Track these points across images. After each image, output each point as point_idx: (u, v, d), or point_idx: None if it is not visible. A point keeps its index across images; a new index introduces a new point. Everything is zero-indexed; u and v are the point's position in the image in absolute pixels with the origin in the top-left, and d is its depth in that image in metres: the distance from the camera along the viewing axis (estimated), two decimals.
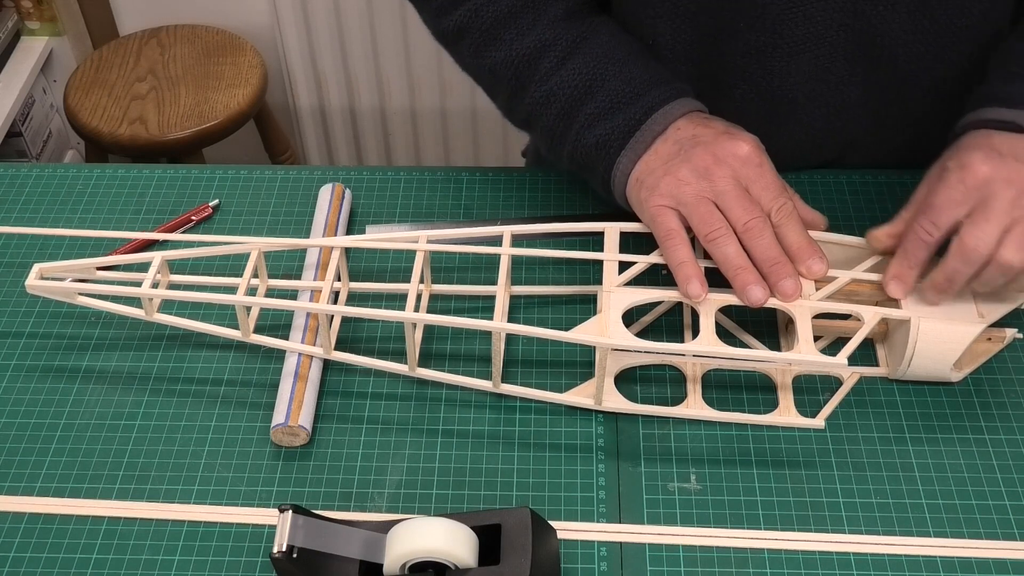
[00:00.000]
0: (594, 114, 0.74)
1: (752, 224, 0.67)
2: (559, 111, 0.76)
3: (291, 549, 0.56)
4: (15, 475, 0.69)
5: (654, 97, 0.73)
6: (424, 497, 0.67)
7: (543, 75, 0.76)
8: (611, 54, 0.75)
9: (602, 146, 0.73)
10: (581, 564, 0.63)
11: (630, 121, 0.72)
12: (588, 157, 0.75)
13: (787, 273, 0.67)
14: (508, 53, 0.77)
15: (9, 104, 1.70)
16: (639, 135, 0.72)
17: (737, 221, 0.67)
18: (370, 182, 0.89)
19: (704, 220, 0.68)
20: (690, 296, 0.68)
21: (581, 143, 0.75)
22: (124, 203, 0.88)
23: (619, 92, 0.73)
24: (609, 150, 0.73)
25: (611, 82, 0.74)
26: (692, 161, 0.69)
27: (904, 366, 0.70)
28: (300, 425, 0.68)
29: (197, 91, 1.66)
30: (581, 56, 0.75)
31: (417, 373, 0.72)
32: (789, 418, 0.69)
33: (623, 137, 0.72)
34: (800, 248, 0.68)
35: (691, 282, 0.67)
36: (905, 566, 0.63)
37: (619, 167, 0.72)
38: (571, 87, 0.75)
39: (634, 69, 0.75)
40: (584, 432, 0.70)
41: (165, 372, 0.75)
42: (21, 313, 0.79)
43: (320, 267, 0.78)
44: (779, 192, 0.69)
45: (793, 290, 0.68)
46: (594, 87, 0.74)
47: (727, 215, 0.68)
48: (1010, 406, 0.71)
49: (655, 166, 0.71)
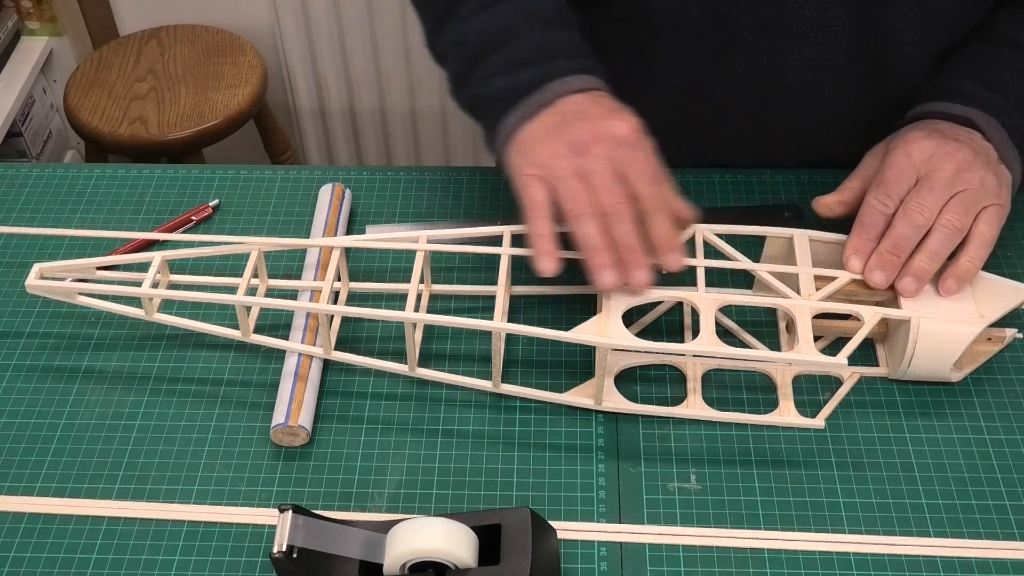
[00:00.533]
0: (499, 65, 0.73)
1: (616, 207, 0.66)
2: (469, 54, 0.75)
3: (291, 549, 0.56)
4: (15, 475, 0.69)
5: (557, 66, 0.72)
6: (424, 497, 0.67)
7: (464, 15, 0.76)
8: (536, 11, 0.75)
9: (498, 99, 0.73)
10: (581, 564, 0.63)
11: (527, 82, 0.72)
12: (483, 107, 0.74)
13: (640, 264, 0.66)
14: None
15: (9, 104, 1.70)
16: (530, 99, 0.71)
17: (601, 201, 0.66)
18: (370, 182, 0.89)
19: (571, 196, 0.66)
20: (539, 270, 0.66)
21: (481, 91, 0.74)
22: (124, 203, 0.88)
23: (527, 51, 0.73)
24: (502, 103, 0.72)
25: (524, 39, 0.73)
26: (570, 135, 0.68)
27: (904, 366, 0.70)
28: (300, 425, 0.68)
29: (197, 91, 1.66)
30: (505, 5, 0.75)
31: (417, 373, 0.72)
32: (789, 418, 0.69)
33: (516, 96, 0.72)
34: (661, 240, 0.67)
35: (543, 257, 0.66)
36: (905, 566, 0.63)
37: (505, 124, 0.72)
38: (486, 33, 0.74)
39: (550, 33, 0.74)
40: (584, 432, 0.70)
41: (165, 372, 0.75)
42: (21, 313, 0.79)
43: (320, 267, 0.78)
44: (652, 180, 0.67)
45: (642, 282, 0.66)
46: (507, 39, 0.74)
47: (595, 194, 0.66)
48: (1010, 406, 0.71)
49: (536, 135, 0.70)
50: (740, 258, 0.72)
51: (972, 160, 0.70)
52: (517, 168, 0.69)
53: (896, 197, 0.70)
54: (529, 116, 0.71)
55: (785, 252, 0.74)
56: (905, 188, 0.70)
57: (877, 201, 0.70)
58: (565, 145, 0.68)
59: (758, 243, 0.75)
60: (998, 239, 0.71)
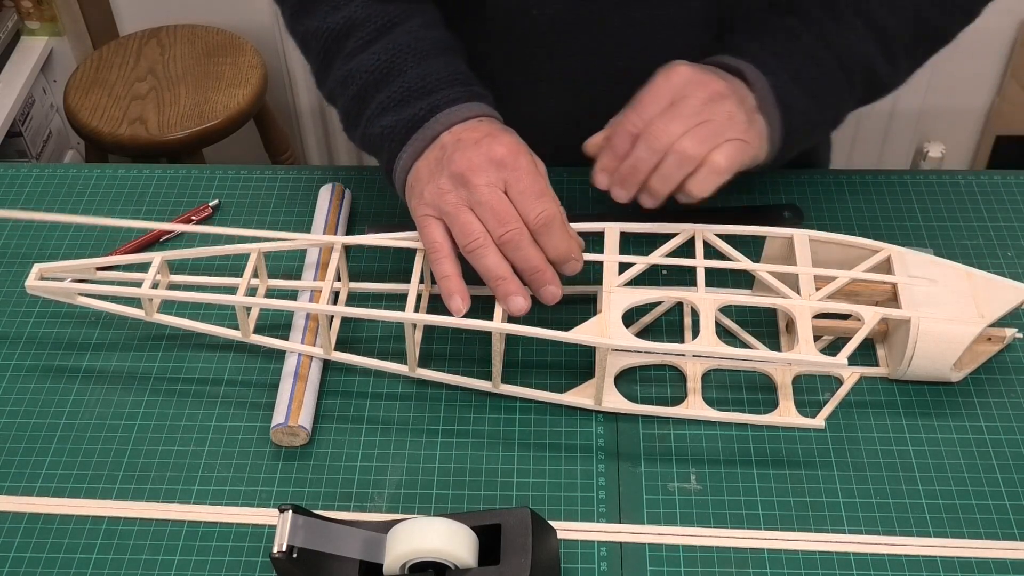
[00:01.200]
0: (385, 103, 0.73)
1: (508, 237, 0.66)
2: (355, 93, 0.75)
3: (291, 549, 0.56)
4: (15, 475, 0.69)
5: (444, 96, 0.72)
6: (424, 497, 0.67)
7: (348, 54, 0.76)
8: (415, 44, 0.75)
9: (387, 137, 0.73)
10: (581, 564, 0.63)
11: (415, 117, 0.71)
12: (375, 145, 0.74)
13: (547, 280, 0.67)
14: (320, 25, 0.77)
15: (9, 104, 1.71)
16: (420, 133, 0.71)
17: (494, 232, 0.66)
18: (370, 182, 0.89)
19: (463, 231, 0.67)
20: (452, 310, 0.67)
21: (370, 130, 0.74)
22: (124, 203, 0.88)
23: (412, 85, 0.73)
24: (392, 143, 0.72)
25: (408, 73, 0.73)
26: (451, 167, 0.68)
27: (904, 366, 0.70)
28: (300, 425, 0.68)
29: (197, 91, 1.66)
30: (385, 41, 0.75)
31: (417, 374, 0.72)
32: (789, 418, 0.69)
33: (406, 132, 0.72)
34: (559, 253, 0.67)
35: (452, 297, 0.67)
36: (905, 566, 0.63)
37: (400, 163, 0.72)
38: (369, 71, 0.74)
39: (434, 64, 0.74)
40: (584, 432, 0.70)
41: (165, 372, 0.75)
42: (21, 313, 0.79)
43: (320, 267, 0.78)
44: (537, 196, 0.67)
45: (553, 296, 0.68)
46: (391, 75, 0.74)
47: (485, 225, 0.67)
48: (1010, 406, 0.71)
49: (422, 174, 0.70)
50: (740, 258, 0.72)
51: (725, 93, 0.71)
52: (414, 211, 0.70)
53: (646, 119, 0.70)
54: (418, 154, 0.71)
55: (785, 252, 0.74)
56: (656, 110, 0.70)
57: (628, 122, 0.70)
58: (448, 179, 0.68)
59: (758, 243, 0.75)
60: (998, 239, 0.71)
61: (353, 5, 0.76)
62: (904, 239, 0.82)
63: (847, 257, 0.73)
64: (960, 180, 0.87)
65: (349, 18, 0.76)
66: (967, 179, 0.87)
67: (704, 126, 0.69)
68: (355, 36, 0.75)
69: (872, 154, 1.91)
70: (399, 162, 0.72)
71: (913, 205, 0.85)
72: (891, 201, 0.85)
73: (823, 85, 0.76)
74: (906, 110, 1.84)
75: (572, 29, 0.81)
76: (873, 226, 0.83)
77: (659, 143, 0.68)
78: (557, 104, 0.85)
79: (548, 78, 0.69)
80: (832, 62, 0.76)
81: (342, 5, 0.76)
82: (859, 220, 0.84)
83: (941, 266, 0.71)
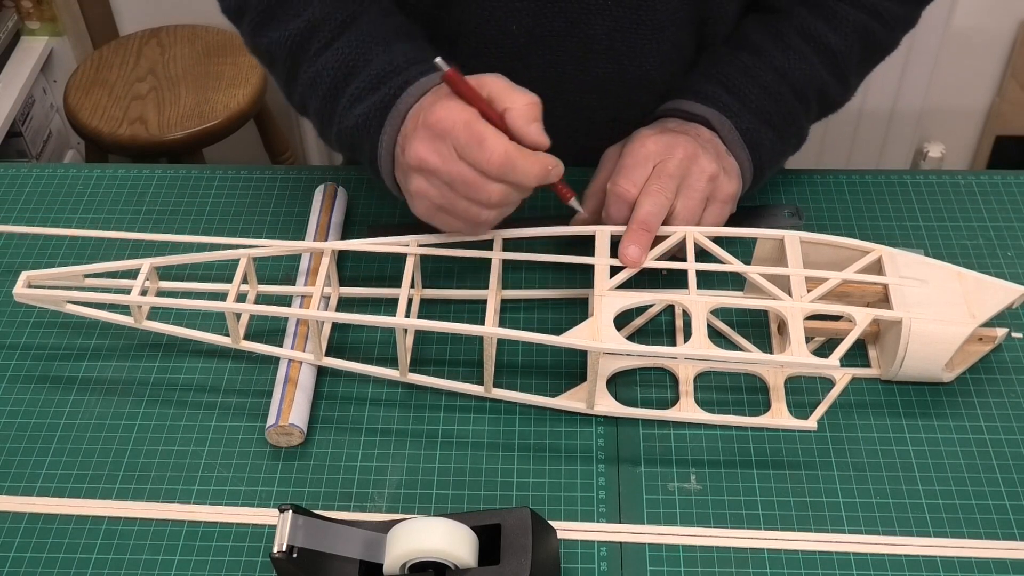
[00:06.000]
0: (355, 95, 0.73)
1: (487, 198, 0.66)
2: (325, 92, 0.75)
3: (291, 549, 0.56)
4: (15, 475, 0.69)
5: (412, 73, 0.71)
6: (424, 497, 0.67)
7: (312, 56, 0.76)
8: (376, 33, 0.75)
9: (362, 127, 0.72)
10: (581, 564, 0.63)
11: (386, 97, 0.71)
12: (352, 138, 0.74)
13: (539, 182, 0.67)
14: (282, 33, 0.77)
15: (9, 104, 1.70)
16: (395, 110, 0.70)
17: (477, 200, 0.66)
18: (369, 182, 0.88)
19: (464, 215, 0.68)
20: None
21: (344, 124, 0.74)
22: (124, 203, 0.88)
23: (380, 71, 0.73)
24: (370, 129, 0.72)
25: (374, 62, 0.73)
26: (408, 161, 0.67)
27: (896, 367, 0.70)
28: (292, 424, 0.68)
29: (197, 91, 1.66)
30: (348, 36, 0.75)
31: (408, 378, 0.71)
32: (781, 420, 0.69)
33: (381, 114, 0.71)
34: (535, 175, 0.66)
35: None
36: (905, 566, 0.63)
37: (383, 145, 0.71)
38: (336, 68, 0.74)
39: (397, 48, 0.74)
40: (584, 432, 0.70)
41: (165, 372, 0.75)
42: (18, 321, 0.78)
43: (310, 272, 0.77)
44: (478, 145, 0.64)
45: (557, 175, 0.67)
46: (357, 68, 0.74)
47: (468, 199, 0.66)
48: (1009, 406, 0.71)
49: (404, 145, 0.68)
50: (731, 260, 0.72)
51: (697, 151, 0.73)
52: (404, 187, 0.70)
53: (638, 182, 0.72)
54: (397, 130, 0.70)
55: (776, 253, 0.74)
56: (645, 175, 0.72)
57: (622, 189, 0.72)
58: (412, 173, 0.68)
59: (749, 245, 0.75)
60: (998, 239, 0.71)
61: (312, 7, 0.76)
62: (904, 239, 0.82)
63: (838, 258, 0.73)
64: (960, 180, 0.87)
65: (310, 20, 0.76)
66: (967, 179, 0.87)
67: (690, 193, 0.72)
68: (318, 36, 0.76)
69: (872, 154, 1.91)
70: (382, 144, 0.71)
71: (913, 205, 0.85)
72: (891, 201, 0.85)
73: (784, 116, 0.80)
74: (906, 110, 1.84)
75: (548, 39, 0.81)
76: (872, 226, 0.83)
77: (664, 199, 0.71)
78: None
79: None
80: (789, 94, 0.80)
81: (302, 10, 0.76)
82: (858, 220, 0.84)
83: (932, 266, 0.71)
